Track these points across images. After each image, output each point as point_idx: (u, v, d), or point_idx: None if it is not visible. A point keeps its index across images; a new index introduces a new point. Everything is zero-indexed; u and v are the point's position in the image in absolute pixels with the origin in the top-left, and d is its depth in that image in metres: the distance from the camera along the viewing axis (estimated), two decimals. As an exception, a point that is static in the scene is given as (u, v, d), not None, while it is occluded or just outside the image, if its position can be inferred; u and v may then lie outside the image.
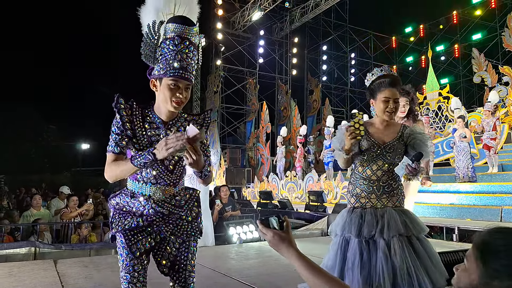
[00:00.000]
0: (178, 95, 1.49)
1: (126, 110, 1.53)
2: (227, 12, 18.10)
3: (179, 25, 1.49)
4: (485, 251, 0.92)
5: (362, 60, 22.88)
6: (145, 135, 1.54)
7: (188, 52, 1.50)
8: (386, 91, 2.32)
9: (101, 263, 4.10)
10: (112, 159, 1.54)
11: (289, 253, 1.13)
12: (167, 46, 1.49)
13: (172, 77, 1.48)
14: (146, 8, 1.70)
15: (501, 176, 7.97)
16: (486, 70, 14.86)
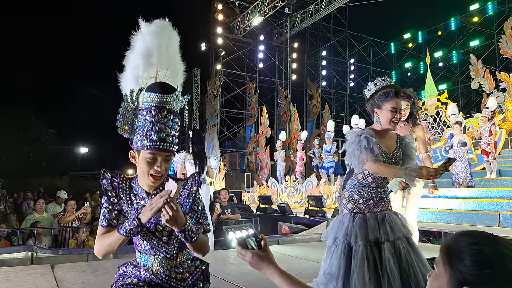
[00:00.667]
0: (156, 168, 1.43)
1: (113, 184, 1.50)
2: (227, 17, 18.20)
3: (156, 94, 1.43)
4: (450, 254, 0.93)
5: (361, 65, 22.98)
6: (131, 208, 1.50)
7: (167, 122, 1.44)
8: (393, 101, 2.37)
9: (99, 268, 4.08)
10: (100, 233, 1.49)
11: (270, 270, 1.13)
12: (144, 117, 1.44)
13: (149, 150, 1.42)
14: (125, 76, 1.65)
15: (499, 182, 7.99)
16: (483, 76, 14.93)
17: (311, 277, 3.01)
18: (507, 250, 0.89)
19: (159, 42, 1.70)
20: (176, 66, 1.72)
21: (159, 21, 1.79)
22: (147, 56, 1.66)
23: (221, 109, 18.28)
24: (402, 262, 2.24)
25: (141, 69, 1.63)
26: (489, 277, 0.86)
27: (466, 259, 0.89)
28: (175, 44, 1.78)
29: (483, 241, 0.91)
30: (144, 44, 1.69)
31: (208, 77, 19.21)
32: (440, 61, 20.45)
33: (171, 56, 1.73)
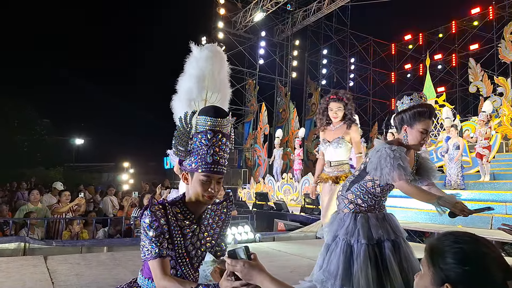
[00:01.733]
0: (210, 190, 1.46)
1: (160, 211, 1.44)
2: (229, 12, 18.10)
3: (212, 118, 1.47)
4: (433, 253, 0.98)
5: (361, 65, 22.98)
6: (179, 232, 1.47)
7: (221, 145, 1.48)
8: (425, 123, 2.31)
9: (92, 261, 4.08)
10: (160, 266, 1.38)
11: (261, 277, 1.13)
12: (199, 140, 1.47)
13: (204, 172, 1.45)
14: (178, 98, 1.68)
15: (493, 185, 8.04)
16: (481, 80, 14.97)
17: (306, 274, 3.02)
18: (486, 249, 0.93)
19: (212, 67, 1.76)
20: (226, 90, 1.77)
21: (211, 46, 1.87)
22: (201, 79, 1.72)
23: (220, 105, 18.28)
24: (402, 260, 2.28)
25: (194, 92, 1.68)
26: (469, 273, 0.91)
27: (448, 257, 0.94)
28: (226, 69, 1.85)
29: (464, 240, 0.96)
30: (197, 68, 1.74)
31: (207, 72, 19.17)
32: (439, 64, 20.48)
33: (222, 80, 1.79)
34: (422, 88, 14.49)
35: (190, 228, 1.49)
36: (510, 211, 6.41)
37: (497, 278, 0.90)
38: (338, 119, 3.59)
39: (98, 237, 5.61)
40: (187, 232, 1.48)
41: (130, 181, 19.11)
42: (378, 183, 2.37)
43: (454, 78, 19.91)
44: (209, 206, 1.59)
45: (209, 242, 1.55)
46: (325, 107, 3.61)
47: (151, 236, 1.39)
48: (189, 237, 1.49)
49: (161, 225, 1.41)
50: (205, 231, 1.55)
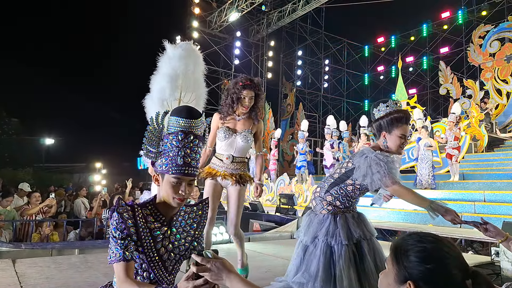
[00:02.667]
0: (180, 192, 1.43)
1: (128, 213, 1.42)
2: (203, 11, 17.96)
3: (184, 119, 1.45)
4: (397, 252, 1.02)
5: (335, 67, 23.35)
6: (149, 235, 1.44)
7: (193, 147, 1.46)
8: (403, 128, 2.40)
9: (63, 263, 3.95)
10: (124, 270, 1.36)
11: (230, 277, 1.13)
12: (170, 141, 1.45)
13: (175, 174, 1.43)
14: (150, 98, 1.65)
15: (462, 185, 8.35)
16: (451, 82, 15.56)
17: (280, 274, 3.03)
18: (448, 249, 0.98)
19: (186, 66, 1.72)
20: (200, 90, 1.74)
21: (186, 44, 1.82)
22: (174, 79, 1.68)
23: (196, 104, 18.12)
24: (376, 259, 2.34)
25: (167, 92, 1.64)
26: (431, 271, 0.94)
27: (411, 256, 0.97)
28: (201, 68, 1.81)
29: (427, 240, 1.00)
30: (170, 67, 1.71)
31: (183, 71, 18.96)
32: (411, 66, 21.10)
33: (197, 80, 1.75)
34: (394, 89, 14.90)
35: (160, 231, 1.46)
36: (478, 210, 6.68)
37: (456, 276, 0.94)
38: (247, 109, 3.13)
39: (69, 239, 5.44)
40: (157, 235, 1.45)
41: (102, 182, 18.62)
42: (358, 187, 2.43)
43: (425, 80, 20.57)
44: (183, 208, 1.56)
45: (183, 245, 1.51)
46: (239, 94, 3.06)
47: (116, 238, 1.37)
48: (159, 240, 1.45)
49: (128, 227, 1.38)
50: (177, 233, 1.51)
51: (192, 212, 1.58)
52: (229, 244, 5.44)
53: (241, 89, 3.05)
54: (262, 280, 3.16)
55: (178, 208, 1.52)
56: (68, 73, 28.67)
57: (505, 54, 13.67)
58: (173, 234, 1.50)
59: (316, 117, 21.38)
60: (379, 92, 22.85)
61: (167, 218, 1.49)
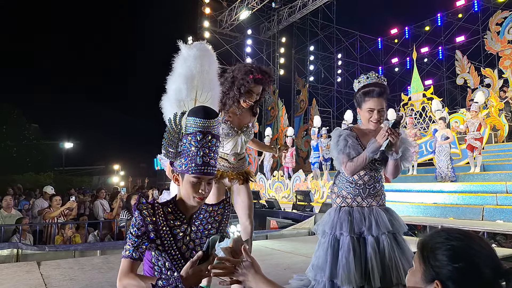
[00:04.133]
0: (200, 191, 1.46)
1: (148, 211, 1.44)
2: (214, 11, 18.03)
3: (201, 119, 1.47)
4: (424, 250, 0.99)
5: (348, 61, 23.10)
6: (169, 233, 1.47)
7: (211, 146, 1.48)
8: (371, 102, 2.33)
9: (86, 265, 4.04)
10: (128, 266, 1.40)
11: (256, 279, 1.12)
12: (189, 141, 1.47)
13: (195, 174, 1.45)
14: (167, 98, 1.68)
15: (483, 176, 8.16)
16: (468, 72, 15.18)
17: (299, 271, 3.03)
18: (478, 247, 0.94)
19: (202, 66, 1.75)
20: (216, 89, 1.76)
21: (200, 44, 1.84)
22: (190, 79, 1.70)
23: (209, 104, 18.20)
24: (385, 257, 2.26)
25: (184, 92, 1.68)
26: (459, 271, 0.91)
27: (439, 255, 0.95)
28: (215, 67, 1.83)
29: (456, 237, 0.96)
30: (186, 67, 1.73)
31: (195, 71, 19.06)
32: (426, 57, 20.69)
33: (212, 79, 1.77)
34: (409, 81, 14.64)
35: (180, 229, 1.48)
36: (501, 201, 6.52)
37: (487, 275, 0.91)
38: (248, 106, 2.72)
39: (90, 240, 5.56)
40: (177, 233, 1.47)
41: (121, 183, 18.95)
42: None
43: (441, 71, 20.14)
44: (204, 207, 1.58)
45: (205, 243, 1.50)
46: (248, 87, 2.59)
47: (132, 235, 1.42)
48: (180, 238, 1.48)
49: (146, 225, 1.41)
50: (198, 231, 1.53)
51: (214, 211, 1.60)
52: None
53: (252, 83, 2.58)
54: (281, 278, 3.16)
55: (198, 207, 1.55)
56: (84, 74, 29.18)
57: (524, 40, 13.27)
58: (193, 232, 1.52)
59: (330, 112, 21.21)
60: (394, 85, 22.48)
61: (187, 217, 1.52)
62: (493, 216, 6.23)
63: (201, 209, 1.57)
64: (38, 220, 5.92)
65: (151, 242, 1.42)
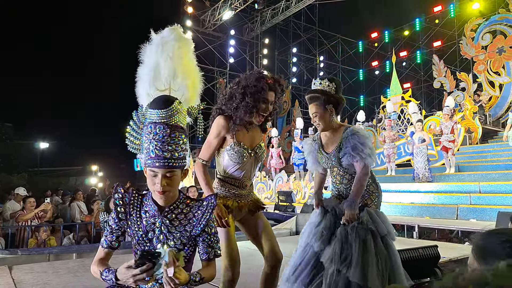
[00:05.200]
0: (156, 184, 1.43)
1: (123, 200, 1.49)
2: (197, 10, 17.92)
3: (153, 110, 1.44)
4: (484, 255, 0.97)
5: (330, 63, 23.36)
6: (140, 225, 1.48)
7: (164, 137, 1.43)
8: (309, 107, 2.52)
9: (61, 268, 3.92)
10: (99, 254, 1.50)
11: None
12: (145, 134, 1.47)
13: (150, 167, 1.44)
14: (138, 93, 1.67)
15: (458, 177, 8.40)
16: (445, 76, 15.60)
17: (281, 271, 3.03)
18: None
19: (167, 52, 1.70)
20: (192, 75, 1.70)
21: (167, 30, 1.78)
22: (154, 68, 1.66)
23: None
24: (344, 246, 2.28)
25: (147, 84, 1.64)
26: None
27: (502, 257, 0.90)
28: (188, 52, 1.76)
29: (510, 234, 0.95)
30: (151, 56, 1.69)
31: (177, 71, 18.88)
32: (404, 61, 21.15)
33: (186, 65, 1.71)
34: (389, 84, 14.93)
35: (151, 220, 1.48)
36: (474, 201, 6.71)
37: None
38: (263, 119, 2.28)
39: (65, 243, 5.41)
40: (149, 224, 1.48)
41: (99, 185, 18.56)
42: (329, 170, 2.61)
43: (419, 74, 20.62)
44: (183, 200, 1.54)
45: (179, 238, 1.49)
46: (263, 95, 2.15)
47: (108, 226, 1.49)
48: (150, 230, 1.47)
49: (118, 213, 1.48)
50: (171, 225, 1.49)
51: (195, 206, 1.54)
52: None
53: (267, 89, 2.17)
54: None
55: (173, 201, 1.51)
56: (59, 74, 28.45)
57: (496, 46, 13.73)
58: (165, 225, 1.48)
59: (312, 114, 21.39)
60: (374, 87, 22.90)
61: (160, 209, 1.49)
62: (467, 215, 6.41)
63: (181, 202, 1.53)
64: (10, 223, 5.71)
65: (122, 232, 1.47)
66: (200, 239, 1.50)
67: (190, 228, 1.50)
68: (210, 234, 1.52)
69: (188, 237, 1.50)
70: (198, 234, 1.50)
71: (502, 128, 12.13)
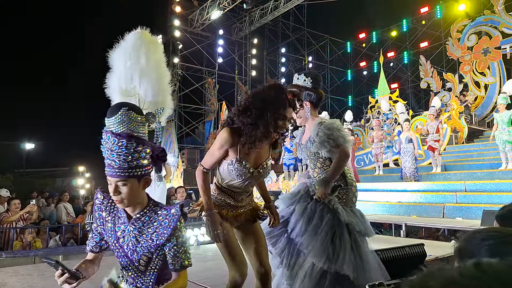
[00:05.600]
0: (111, 192, 1.44)
1: (101, 205, 1.51)
2: (185, 9, 17.79)
3: (106, 119, 1.46)
4: (463, 255, 0.97)
5: (319, 63, 23.48)
6: (113, 230, 1.50)
7: (112, 146, 1.40)
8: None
9: (46, 271, 3.86)
10: (87, 256, 1.58)
11: None
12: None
13: (107, 175, 1.46)
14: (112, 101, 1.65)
15: (444, 176, 8.52)
16: (431, 76, 15.82)
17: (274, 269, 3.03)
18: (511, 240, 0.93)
19: (132, 58, 1.65)
20: (160, 77, 1.66)
21: (132, 35, 1.71)
22: (120, 75, 1.62)
23: (179, 104, 17.90)
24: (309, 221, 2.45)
25: (115, 91, 1.62)
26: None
27: (480, 256, 0.91)
28: (153, 54, 1.69)
29: (491, 235, 0.95)
30: (116, 62, 1.65)
31: (165, 70, 18.71)
32: (392, 61, 21.37)
33: (153, 68, 1.66)
34: (376, 84, 15.06)
35: (121, 227, 1.49)
36: (460, 200, 6.82)
37: None
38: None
39: (51, 245, 5.33)
40: (119, 230, 1.48)
41: (86, 186, 18.32)
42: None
43: (406, 74, 20.86)
44: (153, 208, 1.49)
45: (146, 247, 1.45)
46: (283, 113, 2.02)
47: (93, 228, 1.55)
48: (121, 236, 1.47)
49: (97, 218, 1.52)
50: (139, 232, 1.46)
51: (163, 215, 1.48)
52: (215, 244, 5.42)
53: (287, 107, 2.03)
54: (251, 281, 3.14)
55: (141, 208, 1.48)
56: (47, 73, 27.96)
57: (482, 47, 13.98)
58: (133, 232, 1.47)
59: (301, 114, 21.47)
60: (362, 88, 23.10)
61: (129, 217, 1.50)
62: (453, 214, 6.51)
63: (149, 210, 1.49)
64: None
65: (102, 237, 1.51)
66: (166, 249, 1.46)
67: (156, 237, 1.45)
68: (176, 244, 1.45)
69: (155, 246, 1.45)
70: (163, 244, 1.45)
71: (487, 128, 12.36)
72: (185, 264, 1.48)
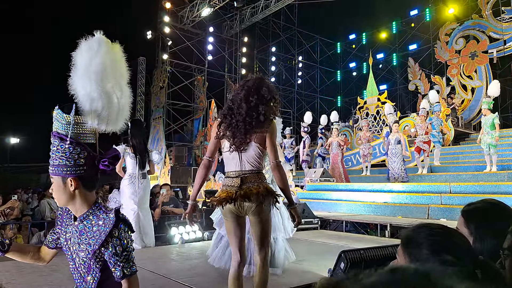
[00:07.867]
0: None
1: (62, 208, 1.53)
2: (175, 6, 17.64)
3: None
4: (409, 244, 1.05)
5: (308, 63, 23.54)
6: (64, 231, 1.50)
7: (52, 144, 1.46)
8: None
9: (25, 267, 3.76)
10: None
11: None
12: None
13: None
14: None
15: (430, 177, 8.62)
16: (419, 78, 16.02)
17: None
18: (457, 239, 1.02)
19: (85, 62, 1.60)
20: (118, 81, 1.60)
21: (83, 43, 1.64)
22: (82, 77, 1.58)
23: (168, 101, 17.75)
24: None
25: (79, 93, 1.58)
26: (442, 262, 0.96)
27: (424, 249, 1.00)
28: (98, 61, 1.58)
29: (438, 232, 1.03)
30: (78, 64, 1.61)
31: (154, 67, 18.50)
32: (381, 63, 21.55)
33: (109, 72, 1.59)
34: (365, 86, 15.18)
35: (68, 229, 1.48)
36: (445, 201, 6.90)
37: (468, 268, 0.97)
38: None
39: (33, 242, 5.21)
40: (67, 232, 1.47)
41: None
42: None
43: (395, 76, 21.05)
44: (95, 211, 1.41)
45: (83, 251, 1.37)
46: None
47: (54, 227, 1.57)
48: (69, 238, 1.45)
49: (58, 218, 1.54)
50: (79, 235, 1.40)
51: (102, 218, 1.39)
52: (202, 242, 5.38)
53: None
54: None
55: (88, 210, 1.42)
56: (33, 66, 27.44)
57: (469, 51, 14.20)
58: (75, 235, 1.42)
59: (291, 113, 21.52)
60: (351, 88, 23.24)
61: (74, 218, 1.47)
62: (437, 215, 6.58)
63: (91, 213, 1.41)
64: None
65: (57, 236, 1.53)
66: (105, 256, 1.35)
67: (93, 242, 1.36)
68: (115, 253, 1.34)
69: (92, 251, 1.36)
70: (99, 250, 1.35)
71: (473, 131, 12.56)
72: (125, 273, 1.34)
